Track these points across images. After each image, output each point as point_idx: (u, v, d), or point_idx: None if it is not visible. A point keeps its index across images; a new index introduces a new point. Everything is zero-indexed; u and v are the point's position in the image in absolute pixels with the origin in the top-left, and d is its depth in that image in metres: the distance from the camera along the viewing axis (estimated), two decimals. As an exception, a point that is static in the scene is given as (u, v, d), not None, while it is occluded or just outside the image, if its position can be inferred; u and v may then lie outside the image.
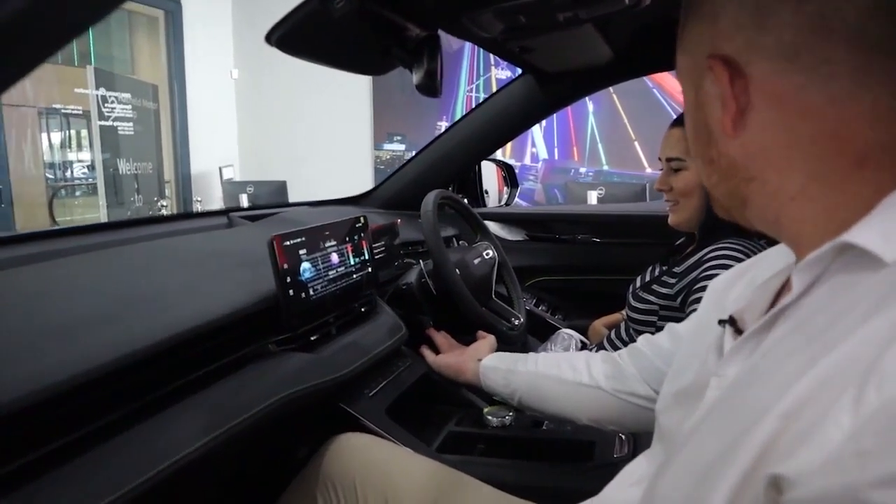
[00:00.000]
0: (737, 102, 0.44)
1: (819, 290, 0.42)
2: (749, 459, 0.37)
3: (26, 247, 0.99)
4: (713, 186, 0.51)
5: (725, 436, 0.41)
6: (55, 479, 0.58)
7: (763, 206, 0.47)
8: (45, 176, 4.81)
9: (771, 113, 0.43)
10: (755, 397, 0.40)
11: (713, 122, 0.47)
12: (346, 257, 1.08)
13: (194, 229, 1.32)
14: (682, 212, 1.21)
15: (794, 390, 0.36)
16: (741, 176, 0.47)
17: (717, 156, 0.48)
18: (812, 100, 0.41)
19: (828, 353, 0.36)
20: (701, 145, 0.49)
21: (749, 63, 0.43)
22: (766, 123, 0.44)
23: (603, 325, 1.53)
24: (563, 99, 1.60)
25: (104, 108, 3.96)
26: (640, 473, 0.65)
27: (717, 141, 0.47)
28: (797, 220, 0.45)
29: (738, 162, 0.46)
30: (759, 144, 0.44)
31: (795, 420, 0.35)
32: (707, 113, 0.47)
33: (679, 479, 0.46)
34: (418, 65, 0.88)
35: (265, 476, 0.97)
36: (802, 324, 0.41)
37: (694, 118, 0.50)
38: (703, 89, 0.47)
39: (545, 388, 0.95)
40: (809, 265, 0.42)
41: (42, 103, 4.70)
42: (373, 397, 1.02)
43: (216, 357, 0.82)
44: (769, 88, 0.43)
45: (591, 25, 1.05)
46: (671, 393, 0.63)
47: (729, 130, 0.45)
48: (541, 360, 0.98)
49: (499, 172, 2.17)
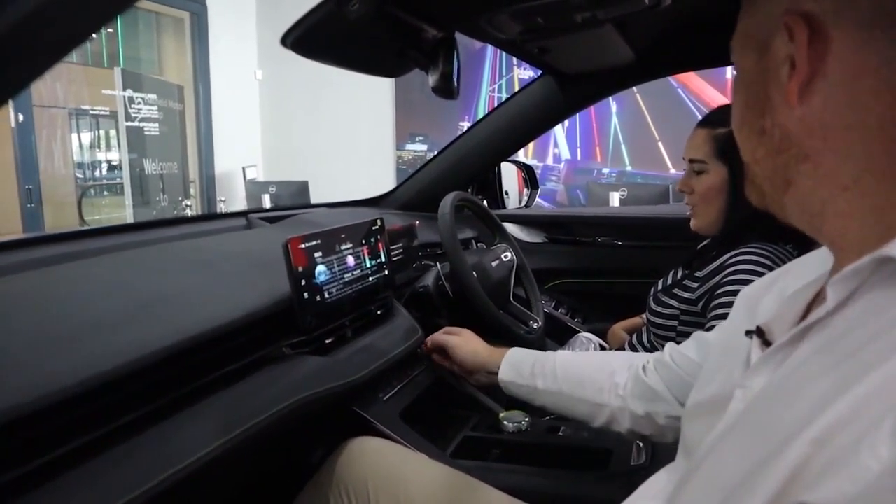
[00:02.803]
0: (810, 67, 0.40)
1: (855, 306, 0.39)
2: (776, 484, 0.35)
3: (49, 248, 1.01)
4: (757, 162, 0.47)
5: (750, 454, 0.39)
6: (69, 481, 0.58)
7: (809, 192, 0.43)
8: (74, 176, 4.91)
9: (843, 86, 0.39)
10: (783, 417, 0.38)
11: (775, 87, 0.43)
12: (363, 260, 1.08)
13: (213, 231, 1.33)
14: (701, 216, 1.18)
15: (827, 414, 0.34)
16: (793, 152, 0.43)
17: (770, 126, 0.44)
18: (893, 79, 0.37)
19: (864, 375, 0.34)
20: (754, 114, 0.45)
21: (836, 25, 0.39)
22: (835, 97, 0.40)
23: (622, 329, 1.51)
24: (583, 100, 1.59)
25: (131, 109, 4.03)
26: (659, 486, 0.64)
27: (774, 109, 0.43)
28: (844, 214, 0.41)
29: (794, 136, 0.42)
30: (822, 120, 0.40)
31: (827, 446, 0.33)
32: (769, 78, 0.43)
33: (701, 496, 0.44)
34: (434, 67, 0.88)
35: (279, 479, 0.97)
36: (835, 341, 0.39)
37: (750, 85, 0.46)
38: (769, 52, 0.43)
39: (571, 407, 0.91)
40: (846, 278, 0.39)
41: (72, 104, 4.81)
42: (387, 401, 1.02)
43: (231, 360, 0.83)
44: (850, 57, 0.39)
45: (611, 26, 1.03)
46: (695, 403, 0.61)
47: (794, 97, 0.41)
48: (561, 375, 0.93)
49: (519, 174, 2.15)
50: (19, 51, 0.32)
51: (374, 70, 1.01)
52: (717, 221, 1.16)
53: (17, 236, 1.02)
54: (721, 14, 1.09)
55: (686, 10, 1.04)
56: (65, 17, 0.32)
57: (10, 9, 0.29)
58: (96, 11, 0.34)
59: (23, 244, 0.99)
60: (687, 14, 1.09)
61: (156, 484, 0.62)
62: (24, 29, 0.30)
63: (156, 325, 0.75)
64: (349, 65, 0.92)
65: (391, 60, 0.92)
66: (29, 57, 0.33)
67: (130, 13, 4.45)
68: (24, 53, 0.32)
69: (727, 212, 1.13)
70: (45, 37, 0.32)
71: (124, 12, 0.36)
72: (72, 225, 4.65)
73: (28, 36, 0.31)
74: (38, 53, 0.33)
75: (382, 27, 0.82)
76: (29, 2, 0.29)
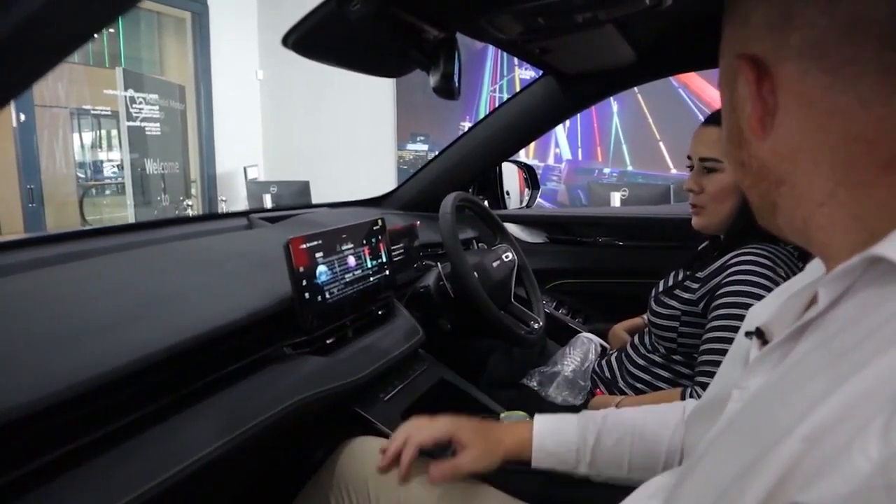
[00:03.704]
0: (763, 103, 0.44)
1: (847, 305, 0.40)
2: (768, 483, 0.35)
3: (50, 248, 1.01)
4: (746, 189, 0.50)
5: (744, 453, 0.39)
6: (73, 480, 0.59)
7: (791, 211, 0.46)
8: (75, 175, 4.92)
9: (799, 114, 0.43)
10: (776, 415, 0.39)
11: (744, 123, 0.46)
12: (364, 260, 1.08)
13: (214, 231, 1.33)
14: (709, 215, 1.16)
15: (818, 412, 0.34)
16: (771, 179, 0.46)
17: (748, 158, 0.48)
18: (839, 100, 0.41)
19: (854, 373, 0.34)
20: (734, 147, 0.49)
21: (776, 62, 0.43)
22: (793, 124, 0.43)
23: (623, 330, 1.51)
24: (585, 100, 1.58)
25: (132, 109, 4.03)
26: (658, 485, 0.64)
27: (748, 142, 0.47)
28: (826, 227, 0.43)
29: (768, 164, 0.46)
30: (788, 146, 0.44)
31: (818, 445, 0.34)
32: (739, 114, 0.47)
33: (696, 495, 0.45)
34: (435, 67, 0.88)
35: (280, 479, 0.97)
36: (828, 340, 0.40)
37: (728, 120, 0.50)
38: (736, 91, 0.47)
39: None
40: (836, 278, 0.40)
41: (73, 104, 4.82)
42: (388, 401, 1.02)
43: (232, 360, 0.83)
44: (796, 88, 0.42)
45: (612, 26, 1.03)
46: (698, 406, 0.61)
47: (757, 131, 0.45)
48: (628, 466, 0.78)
49: (520, 174, 2.15)
50: (22, 52, 0.32)
51: (376, 70, 1.01)
52: (724, 222, 1.15)
53: (19, 236, 1.03)
54: (722, 15, 1.09)
55: (687, 10, 1.04)
56: (66, 18, 0.32)
57: (12, 10, 0.29)
58: (97, 13, 0.34)
59: (24, 244, 0.99)
60: (688, 14, 1.09)
61: (158, 483, 0.62)
62: (27, 30, 0.30)
63: (157, 325, 0.75)
64: (350, 65, 0.93)
65: (392, 61, 0.92)
66: (31, 58, 0.33)
67: (132, 13, 4.45)
68: (26, 55, 0.32)
69: (736, 212, 1.12)
70: (47, 38, 0.32)
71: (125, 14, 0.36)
72: (73, 225, 4.66)
73: (30, 37, 0.31)
74: (40, 55, 0.33)
75: (384, 27, 0.82)
76: (31, 3, 0.29)
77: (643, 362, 1.24)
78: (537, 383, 1.34)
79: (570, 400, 1.29)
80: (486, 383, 1.34)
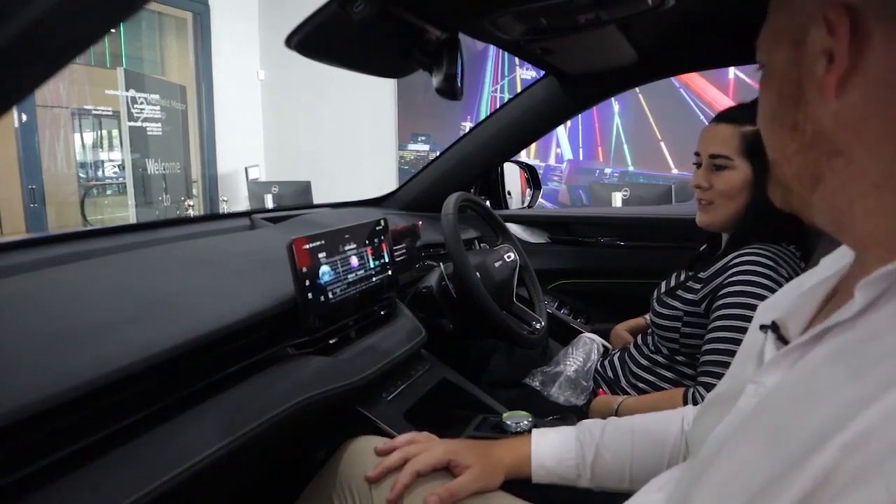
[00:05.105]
0: (849, 61, 0.39)
1: (881, 311, 0.38)
2: (803, 491, 0.34)
3: (52, 248, 1.01)
4: (787, 158, 0.46)
5: (770, 456, 0.38)
6: (76, 481, 0.59)
7: (839, 188, 0.42)
8: (77, 175, 4.92)
9: (881, 81, 0.39)
10: (807, 419, 0.37)
11: (809, 81, 0.42)
12: (366, 260, 1.08)
13: (217, 231, 1.33)
14: (715, 213, 1.15)
15: (858, 421, 0.33)
16: (825, 148, 0.42)
17: (803, 120, 0.43)
18: None
19: (893, 385, 0.33)
20: (787, 108, 0.45)
21: (877, 19, 0.38)
22: (871, 92, 0.39)
23: (625, 330, 1.51)
24: (587, 100, 1.58)
25: (133, 109, 4.04)
26: (665, 480, 0.64)
27: (808, 103, 0.43)
28: (874, 212, 0.40)
29: (827, 131, 0.42)
30: (857, 114, 0.40)
31: (856, 453, 0.32)
32: (804, 72, 0.42)
33: (720, 496, 0.43)
34: (438, 68, 0.88)
35: (282, 478, 0.97)
36: (860, 345, 0.38)
37: (783, 80, 0.45)
38: (803, 47, 0.42)
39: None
40: (877, 281, 0.38)
41: (74, 104, 4.82)
42: (391, 401, 1.02)
43: (235, 360, 0.83)
44: (890, 52, 0.38)
45: (614, 27, 1.04)
46: (707, 398, 0.61)
47: (831, 90, 0.40)
48: (607, 470, 0.77)
49: (522, 174, 2.15)
50: (26, 56, 0.32)
51: (378, 71, 1.01)
52: (730, 220, 1.14)
53: (21, 236, 1.03)
54: (724, 15, 1.09)
55: (689, 10, 1.04)
56: (71, 23, 0.32)
57: (17, 15, 0.29)
58: (102, 18, 0.34)
59: (26, 244, 0.99)
60: (690, 15, 1.09)
61: (161, 483, 0.62)
62: (31, 35, 0.30)
63: (160, 325, 0.75)
64: (353, 66, 0.92)
65: (395, 61, 0.92)
66: (35, 62, 0.33)
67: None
68: (30, 59, 0.32)
69: (744, 210, 1.12)
70: (51, 42, 0.32)
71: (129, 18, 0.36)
72: (74, 225, 4.67)
73: (34, 41, 0.31)
74: (44, 59, 0.33)
75: (386, 28, 0.82)
76: (36, 8, 0.29)
77: (646, 363, 1.24)
78: (539, 383, 1.34)
79: (573, 400, 1.29)
80: (488, 383, 1.34)
